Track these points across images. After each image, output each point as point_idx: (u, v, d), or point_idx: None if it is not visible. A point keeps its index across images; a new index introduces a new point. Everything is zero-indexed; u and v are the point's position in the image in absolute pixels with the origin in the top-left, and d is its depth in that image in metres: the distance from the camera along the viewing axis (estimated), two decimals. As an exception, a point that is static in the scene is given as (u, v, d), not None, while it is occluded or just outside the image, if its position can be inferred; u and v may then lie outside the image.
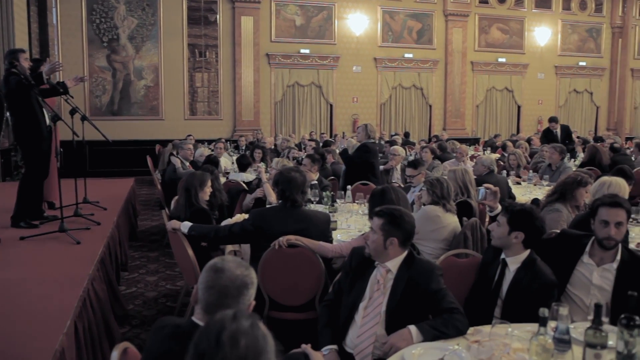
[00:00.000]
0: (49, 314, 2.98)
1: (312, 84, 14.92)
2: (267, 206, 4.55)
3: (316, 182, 5.40)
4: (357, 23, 14.98)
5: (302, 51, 14.58)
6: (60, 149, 5.17)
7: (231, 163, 8.66)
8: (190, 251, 3.73)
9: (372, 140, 6.56)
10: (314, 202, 5.03)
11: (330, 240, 3.59)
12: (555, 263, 2.76)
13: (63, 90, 5.22)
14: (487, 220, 3.81)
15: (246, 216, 4.01)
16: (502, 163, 8.33)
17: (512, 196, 5.76)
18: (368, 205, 3.50)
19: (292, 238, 3.34)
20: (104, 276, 4.17)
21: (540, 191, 6.19)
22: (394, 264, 2.55)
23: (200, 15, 13.68)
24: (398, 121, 15.86)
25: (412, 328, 2.30)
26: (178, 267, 5.14)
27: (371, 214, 2.88)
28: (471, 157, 9.21)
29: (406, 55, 15.51)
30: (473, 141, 15.03)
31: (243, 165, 7.12)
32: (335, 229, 4.15)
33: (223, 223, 4.34)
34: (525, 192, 6.28)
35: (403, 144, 10.91)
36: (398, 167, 7.57)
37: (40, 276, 3.71)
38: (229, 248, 4.12)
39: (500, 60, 16.50)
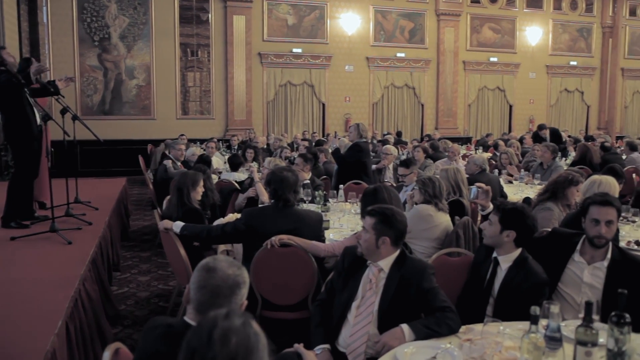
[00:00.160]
0: (40, 315, 2.96)
1: (305, 84, 14.89)
2: (260, 206, 4.55)
3: (309, 182, 5.40)
4: (350, 22, 14.98)
5: (294, 50, 14.56)
6: (51, 149, 5.15)
7: (223, 162, 8.64)
8: (182, 251, 3.72)
9: (365, 139, 6.57)
10: (307, 202, 5.04)
11: (322, 239, 3.59)
12: (546, 261, 2.77)
13: (54, 90, 5.19)
14: (479, 219, 3.82)
15: (238, 216, 4.00)
16: (494, 162, 8.37)
17: (504, 195, 5.79)
18: (360, 204, 3.51)
19: (285, 237, 3.34)
20: (96, 276, 4.15)
21: (531, 190, 6.22)
22: (386, 263, 2.55)
23: (192, 14, 13.61)
24: (390, 120, 15.88)
25: (405, 327, 2.31)
26: (170, 267, 5.12)
27: (363, 213, 2.89)
28: (463, 156, 9.23)
29: (398, 54, 15.53)
30: (465, 140, 15.08)
31: (235, 164, 7.11)
32: (327, 229, 4.16)
33: (215, 223, 4.32)
34: (517, 191, 6.32)
35: (395, 143, 10.91)
36: (390, 167, 7.59)
37: (31, 276, 3.69)
38: (222, 248, 4.11)
39: (492, 59, 16.57)
